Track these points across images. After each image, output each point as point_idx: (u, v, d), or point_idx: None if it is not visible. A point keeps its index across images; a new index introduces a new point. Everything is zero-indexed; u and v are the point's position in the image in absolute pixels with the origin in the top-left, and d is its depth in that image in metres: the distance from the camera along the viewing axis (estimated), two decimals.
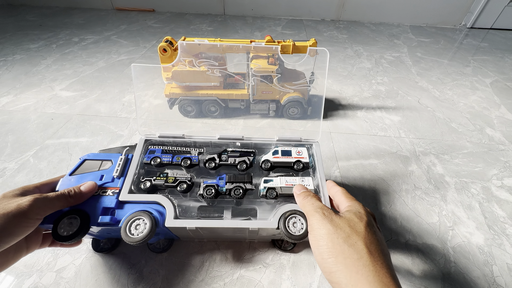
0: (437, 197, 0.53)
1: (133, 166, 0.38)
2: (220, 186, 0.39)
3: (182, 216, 0.35)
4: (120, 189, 0.35)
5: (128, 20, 1.47)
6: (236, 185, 0.39)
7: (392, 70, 1.05)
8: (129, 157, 0.39)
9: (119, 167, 0.37)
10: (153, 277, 0.39)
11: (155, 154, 0.41)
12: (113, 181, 0.36)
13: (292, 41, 0.60)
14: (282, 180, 0.39)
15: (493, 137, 0.71)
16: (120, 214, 0.34)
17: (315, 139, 0.45)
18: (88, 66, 0.98)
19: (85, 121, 0.69)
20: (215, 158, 0.42)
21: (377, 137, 0.69)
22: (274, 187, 0.39)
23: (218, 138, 0.44)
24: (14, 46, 1.10)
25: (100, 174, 0.36)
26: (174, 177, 0.38)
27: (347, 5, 1.59)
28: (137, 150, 0.41)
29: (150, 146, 0.42)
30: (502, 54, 1.24)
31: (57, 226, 0.31)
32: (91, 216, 0.32)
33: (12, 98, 0.78)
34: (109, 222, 0.32)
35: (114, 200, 0.34)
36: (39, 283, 0.38)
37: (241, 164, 0.42)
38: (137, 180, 0.38)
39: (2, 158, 0.57)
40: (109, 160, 0.38)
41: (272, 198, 0.38)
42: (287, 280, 0.39)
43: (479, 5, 1.51)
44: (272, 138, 0.45)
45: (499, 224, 0.49)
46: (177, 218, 0.34)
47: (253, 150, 0.44)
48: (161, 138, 0.43)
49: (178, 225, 0.34)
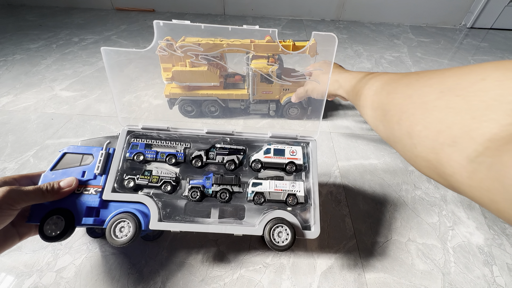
0: (437, 197, 0.53)
1: (115, 163, 0.36)
2: (206, 188, 0.37)
3: (167, 218, 0.35)
4: (103, 187, 0.35)
5: (128, 20, 1.47)
6: (223, 188, 0.37)
7: (392, 70, 1.05)
8: (110, 152, 0.37)
9: (101, 164, 0.35)
10: (153, 277, 0.39)
11: (138, 149, 0.39)
12: (95, 179, 0.35)
13: (292, 41, 0.60)
14: (271, 184, 0.38)
15: None
16: (104, 214, 0.34)
17: (312, 137, 0.42)
18: (88, 66, 0.98)
19: (85, 121, 0.69)
20: (202, 156, 0.39)
21: (377, 137, 0.69)
22: (262, 192, 0.37)
23: (206, 132, 0.40)
24: (14, 46, 1.10)
25: (82, 170, 0.35)
26: (158, 176, 0.37)
27: (347, 5, 1.59)
28: (119, 143, 0.38)
29: (133, 139, 0.39)
30: (502, 54, 1.24)
31: (43, 225, 0.31)
32: (75, 216, 0.33)
33: (12, 98, 0.78)
34: (93, 223, 0.32)
35: (98, 199, 0.34)
36: (39, 283, 0.38)
37: (230, 163, 0.39)
38: (120, 177, 0.37)
39: (2, 158, 0.57)
40: (90, 155, 0.36)
41: (259, 204, 0.37)
42: (287, 280, 0.39)
43: (479, 5, 1.51)
44: (265, 134, 0.41)
45: (499, 224, 0.49)
46: (161, 221, 0.34)
47: (243, 147, 0.41)
48: (145, 130, 0.40)
49: (162, 228, 0.34)
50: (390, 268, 0.41)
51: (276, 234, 0.34)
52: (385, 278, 0.40)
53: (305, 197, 0.37)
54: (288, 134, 0.41)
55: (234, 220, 0.38)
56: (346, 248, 0.44)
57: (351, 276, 0.40)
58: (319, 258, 0.42)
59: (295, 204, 0.37)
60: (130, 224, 0.32)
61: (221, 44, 0.53)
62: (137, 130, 0.40)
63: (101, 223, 0.33)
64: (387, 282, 0.40)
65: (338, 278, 0.40)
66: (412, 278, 0.40)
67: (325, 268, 0.41)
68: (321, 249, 0.43)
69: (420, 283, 0.40)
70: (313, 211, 0.37)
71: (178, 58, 0.59)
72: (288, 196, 0.37)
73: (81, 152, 0.37)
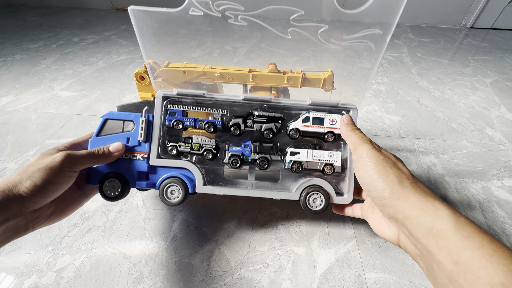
0: None
1: (156, 131, 0.39)
2: (246, 155, 0.39)
3: (210, 183, 0.39)
4: (148, 153, 0.38)
5: (128, 20, 1.46)
6: (262, 156, 0.39)
7: (392, 70, 1.05)
8: (150, 119, 0.39)
9: (143, 131, 0.38)
10: (153, 277, 0.39)
11: (175, 117, 0.40)
12: (140, 145, 0.38)
13: (302, 71, 0.47)
14: (309, 153, 0.39)
15: (493, 137, 0.71)
16: (154, 178, 0.39)
17: (354, 105, 0.40)
18: (88, 66, 0.98)
19: (85, 121, 0.69)
20: (240, 124, 0.39)
21: (377, 137, 0.69)
22: (300, 161, 0.39)
23: (242, 99, 0.39)
24: (14, 46, 1.10)
25: (126, 136, 0.38)
26: (199, 144, 0.39)
27: (347, 5, 1.59)
28: (156, 110, 0.39)
29: (169, 105, 0.40)
30: (502, 54, 1.24)
31: (102, 186, 0.36)
32: (128, 179, 0.38)
33: (12, 98, 0.78)
34: (146, 186, 0.38)
35: (145, 164, 0.38)
36: (39, 283, 0.38)
37: (268, 132, 0.39)
38: (162, 144, 0.39)
39: (2, 158, 0.57)
40: (131, 121, 0.39)
41: (297, 173, 0.39)
42: (287, 280, 0.39)
43: (479, 5, 1.51)
44: (304, 101, 0.40)
45: (499, 224, 0.49)
46: (205, 185, 0.38)
47: (281, 115, 0.40)
48: (180, 96, 0.40)
49: (207, 191, 0.38)
50: (390, 268, 0.41)
51: (312, 200, 0.37)
52: (385, 278, 0.40)
53: (342, 167, 0.39)
54: (329, 101, 0.40)
55: (271, 184, 0.40)
56: (346, 248, 0.44)
57: (351, 276, 0.40)
58: (319, 258, 0.42)
59: (332, 173, 0.39)
60: (180, 188, 0.37)
61: (212, 72, 0.44)
62: (172, 96, 0.40)
63: (152, 185, 0.38)
64: (387, 282, 0.40)
65: (338, 278, 0.40)
66: (412, 278, 0.40)
67: (325, 268, 0.41)
68: (321, 249, 0.43)
69: (420, 283, 0.40)
70: (347, 180, 0.38)
71: (159, 87, 0.44)
72: (325, 165, 0.39)
73: (122, 119, 0.39)
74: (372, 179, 0.29)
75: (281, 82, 0.46)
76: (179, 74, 0.45)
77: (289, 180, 0.41)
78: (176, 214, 0.48)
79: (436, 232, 0.23)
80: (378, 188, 0.29)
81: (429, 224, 0.24)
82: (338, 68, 0.47)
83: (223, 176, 0.41)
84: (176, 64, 0.46)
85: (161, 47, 0.43)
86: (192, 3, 0.34)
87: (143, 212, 0.48)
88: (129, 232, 0.44)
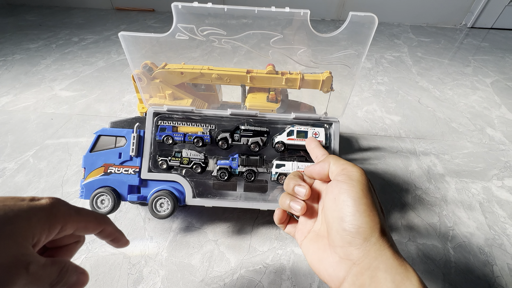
0: (437, 197, 0.53)
1: (147, 145, 0.40)
2: (233, 168, 0.40)
3: (199, 195, 0.40)
4: (139, 168, 0.40)
5: (128, 20, 1.47)
6: (249, 169, 0.40)
7: (392, 70, 1.05)
8: (141, 134, 0.41)
9: (134, 146, 0.39)
10: (153, 277, 0.39)
11: (166, 132, 0.41)
12: (131, 160, 0.40)
13: (300, 73, 0.46)
14: (294, 165, 0.40)
15: (493, 137, 0.71)
16: (145, 191, 0.40)
17: (336, 118, 0.41)
18: (88, 66, 0.98)
19: (85, 121, 0.69)
20: (228, 139, 0.41)
21: (377, 137, 0.69)
22: (285, 173, 0.39)
23: (230, 114, 0.41)
24: (14, 46, 1.10)
25: (118, 151, 0.40)
26: (188, 158, 0.41)
27: (347, 5, 1.59)
28: (147, 126, 0.41)
29: (160, 121, 0.42)
30: (503, 54, 1.24)
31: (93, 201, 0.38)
32: (121, 193, 0.39)
33: (12, 98, 0.78)
34: (137, 200, 0.39)
35: (137, 178, 0.39)
36: None
37: (254, 145, 0.41)
38: (153, 158, 0.41)
39: (2, 158, 0.57)
40: (123, 137, 0.40)
41: (282, 184, 0.40)
42: (287, 280, 0.39)
43: (480, 5, 1.50)
44: (289, 115, 0.42)
45: (500, 224, 0.49)
46: (195, 197, 0.40)
47: (267, 129, 0.42)
48: (170, 112, 0.42)
49: (197, 203, 0.39)
50: None
51: None
52: None
53: None
54: (312, 115, 0.42)
55: (259, 195, 0.42)
56: None
57: None
58: None
59: None
60: (169, 201, 0.38)
61: (210, 73, 0.45)
62: (162, 112, 0.42)
63: (144, 199, 0.39)
64: None
65: None
66: None
67: None
68: None
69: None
70: None
71: (156, 89, 0.47)
72: None
73: (115, 135, 0.40)
74: (354, 212, 0.23)
75: (279, 83, 0.45)
76: (177, 76, 0.46)
77: (277, 191, 0.42)
78: (176, 214, 0.47)
79: None
80: (357, 224, 0.23)
81: (396, 284, 0.21)
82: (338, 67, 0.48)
83: (212, 186, 0.42)
84: (173, 65, 0.46)
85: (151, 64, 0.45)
86: (178, 29, 0.37)
87: (143, 212, 0.47)
88: (129, 232, 0.44)
